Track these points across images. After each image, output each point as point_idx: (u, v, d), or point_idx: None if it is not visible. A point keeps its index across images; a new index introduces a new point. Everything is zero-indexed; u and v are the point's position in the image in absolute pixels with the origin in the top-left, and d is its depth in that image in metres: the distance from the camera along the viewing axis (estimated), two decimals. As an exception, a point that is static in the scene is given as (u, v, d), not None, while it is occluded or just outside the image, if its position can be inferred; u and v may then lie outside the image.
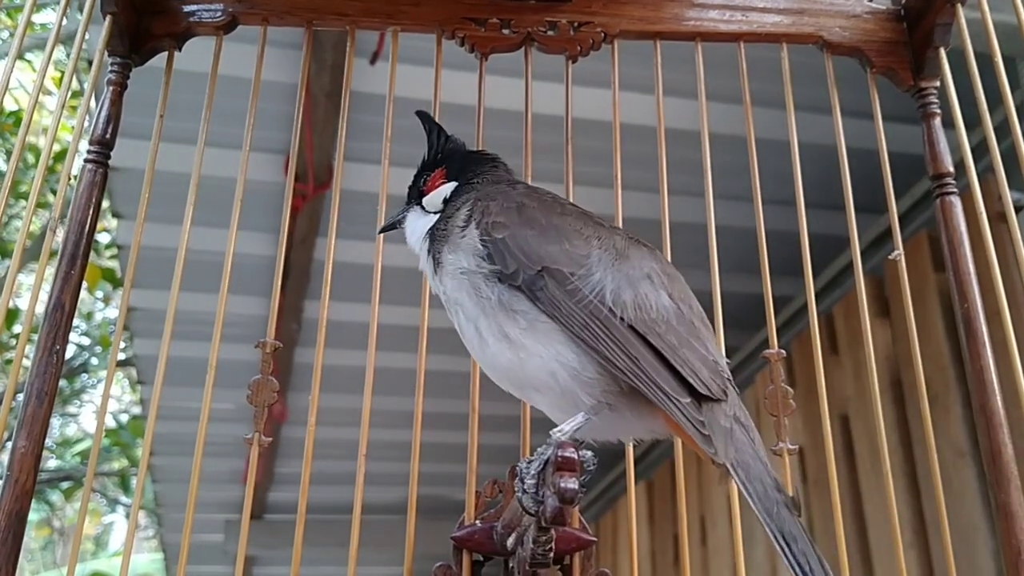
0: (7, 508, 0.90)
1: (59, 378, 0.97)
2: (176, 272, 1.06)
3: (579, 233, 0.93)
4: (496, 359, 0.90)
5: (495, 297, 0.89)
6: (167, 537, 5.46)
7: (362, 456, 1.03)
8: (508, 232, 0.92)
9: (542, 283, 0.87)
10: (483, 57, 1.19)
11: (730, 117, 1.55)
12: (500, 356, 0.89)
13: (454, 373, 1.78)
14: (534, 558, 0.87)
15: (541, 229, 0.93)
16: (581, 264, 0.89)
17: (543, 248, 0.91)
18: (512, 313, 0.88)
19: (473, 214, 0.96)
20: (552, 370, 0.86)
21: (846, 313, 2.98)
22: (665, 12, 1.20)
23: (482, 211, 0.96)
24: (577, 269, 0.88)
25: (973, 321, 1.04)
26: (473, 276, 0.91)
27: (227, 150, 1.59)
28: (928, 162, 1.13)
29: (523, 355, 0.87)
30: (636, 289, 0.88)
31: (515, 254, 0.90)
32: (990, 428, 1.00)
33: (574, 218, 0.96)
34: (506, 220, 0.94)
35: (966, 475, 2.41)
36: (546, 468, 0.77)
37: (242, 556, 1.01)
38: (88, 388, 7.19)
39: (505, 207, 0.95)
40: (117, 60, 1.11)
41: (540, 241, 0.91)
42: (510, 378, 0.91)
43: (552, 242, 0.91)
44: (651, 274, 0.91)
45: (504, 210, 0.95)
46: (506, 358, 0.89)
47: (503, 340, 0.88)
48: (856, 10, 1.21)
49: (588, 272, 0.88)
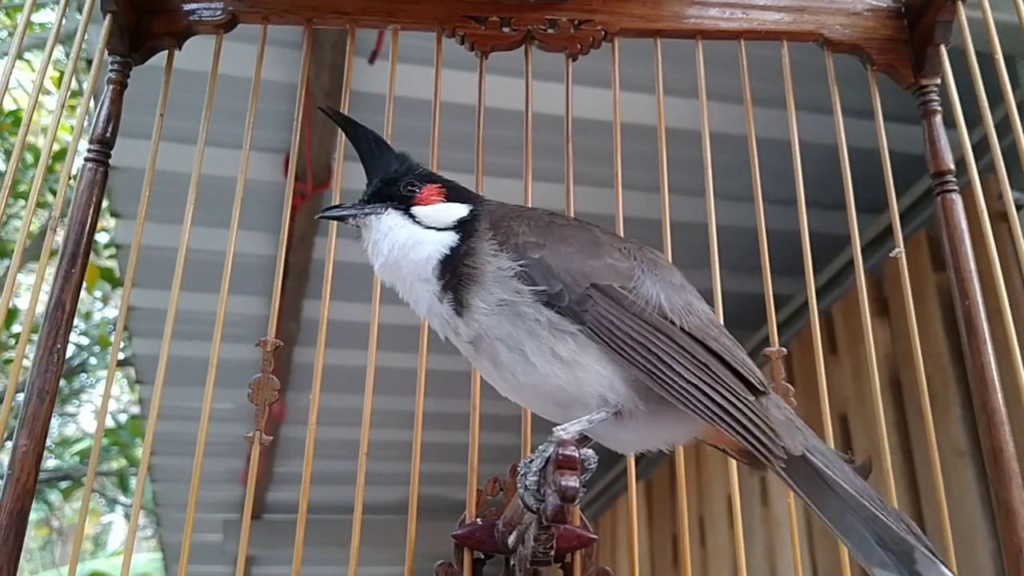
0: (8, 507, 0.90)
1: (60, 377, 0.97)
2: (176, 272, 1.06)
3: (613, 246, 0.91)
4: (545, 381, 0.86)
5: (544, 319, 0.85)
6: (166, 537, 5.45)
7: (363, 455, 1.03)
8: (545, 251, 0.88)
9: (590, 302, 0.85)
10: (483, 55, 1.18)
11: (730, 116, 1.55)
12: (551, 378, 0.85)
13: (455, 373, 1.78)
14: (535, 556, 0.87)
15: (578, 245, 0.90)
16: (629, 277, 0.88)
17: (586, 264, 0.88)
18: (561, 334, 0.85)
19: (497, 237, 0.90)
20: (609, 383, 0.85)
21: (845, 312, 2.98)
22: (665, 10, 1.20)
23: (506, 232, 0.90)
24: (627, 282, 0.87)
25: (974, 318, 1.04)
26: (515, 305, 0.86)
27: (226, 149, 1.58)
28: (929, 160, 1.13)
29: (580, 374, 0.85)
30: (681, 296, 0.88)
31: (558, 273, 0.86)
32: (991, 426, 1.00)
33: (600, 232, 0.94)
34: (539, 239, 0.89)
35: (965, 475, 2.41)
36: (547, 466, 0.77)
37: (243, 556, 1.01)
38: (87, 388, 7.20)
39: (533, 226, 0.91)
40: (117, 59, 1.10)
41: (581, 257, 0.89)
42: (558, 398, 0.87)
43: (594, 257, 0.89)
44: (683, 282, 0.91)
45: (534, 229, 0.90)
46: (557, 379, 0.85)
47: (554, 361, 0.85)
48: (857, 8, 1.21)
49: (639, 284, 0.87)
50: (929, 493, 2.52)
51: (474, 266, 0.89)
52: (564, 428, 0.82)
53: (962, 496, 2.38)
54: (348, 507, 1.01)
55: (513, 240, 0.89)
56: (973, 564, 2.30)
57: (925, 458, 2.50)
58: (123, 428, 6.12)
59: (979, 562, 2.30)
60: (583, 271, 0.87)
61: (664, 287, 0.88)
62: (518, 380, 0.88)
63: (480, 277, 0.88)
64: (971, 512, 2.36)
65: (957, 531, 1.02)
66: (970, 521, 2.35)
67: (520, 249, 0.88)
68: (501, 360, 0.88)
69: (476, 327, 0.88)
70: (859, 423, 2.86)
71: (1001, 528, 0.98)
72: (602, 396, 0.85)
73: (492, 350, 0.88)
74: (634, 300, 0.86)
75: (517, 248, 0.88)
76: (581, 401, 0.86)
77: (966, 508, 2.37)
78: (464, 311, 0.88)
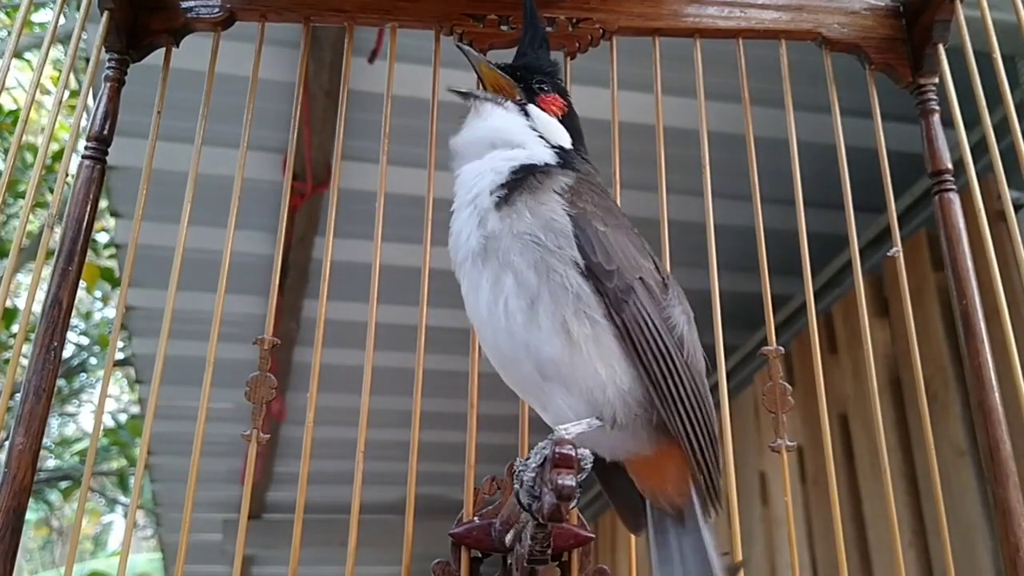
0: (5, 504, 0.90)
1: (57, 375, 0.97)
2: (174, 271, 1.06)
3: (654, 260, 0.90)
4: (542, 346, 0.83)
5: (573, 289, 0.82)
6: (166, 536, 5.45)
7: (360, 454, 1.03)
8: (609, 229, 0.86)
9: (634, 296, 0.83)
10: (481, 54, 1.18)
11: (728, 115, 1.55)
12: (548, 346, 0.82)
13: (452, 372, 1.78)
14: (532, 555, 0.87)
15: (632, 239, 0.88)
16: (663, 289, 0.87)
17: (639, 258, 0.87)
18: (582, 313, 0.82)
19: (568, 191, 0.87)
20: (603, 383, 0.83)
21: (845, 312, 2.98)
22: (664, 8, 1.20)
23: (576, 193, 0.87)
24: (664, 293, 0.87)
25: (971, 318, 1.04)
26: (548, 254, 0.83)
27: (224, 148, 1.58)
28: (927, 159, 1.13)
29: (577, 359, 0.82)
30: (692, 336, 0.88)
31: (617, 253, 0.84)
32: (988, 425, 1.00)
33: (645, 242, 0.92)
34: (605, 217, 0.87)
35: (965, 474, 2.41)
36: (544, 465, 0.76)
37: (240, 556, 1.01)
38: (87, 388, 7.20)
39: (599, 204, 0.88)
40: (114, 56, 1.10)
41: (635, 250, 0.87)
42: (544, 369, 0.84)
43: (643, 256, 0.88)
44: (690, 316, 0.90)
45: (599, 207, 0.88)
46: (555, 351, 0.82)
47: (562, 334, 0.82)
48: (855, 6, 1.21)
49: (670, 304, 0.87)
50: (929, 492, 2.52)
51: (539, 184, 0.88)
52: (565, 428, 0.82)
53: (962, 495, 2.38)
54: (346, 506, 1.01)
55: (582, 204, 0.86)
56: (973, 563, 2.30)
57: (925, 457, 2.49)
58: (123, 428, 6.13)
59: (979, 561, 2.30)
60: (637, 262, 0.85)
61: (685, 317, 0.88)
62: (512, 327, 0.84)
63: (539, 190, 0.87)
64: (971, 511, 2.36)
65: (957, 530, 1.02)
66: (970, 520, 2.35)
67: (586, 214, 0.85)
68: (504, 291, 0.84)
69: (506, 226, 0.85)
70: (858, 422, 2.86)
71: (998, 527, 0.98)
72: (591, 392, 0.83)
73: (500, 271, 0.85)
74: (668, 311, 0.86)
75: (584, 212, 0.86)
76: (566, 385, 0.84)
77: (966, 507, 2.36)
78: (505, 207, 0.86)
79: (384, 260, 1.11)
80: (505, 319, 0.84)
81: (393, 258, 1.11)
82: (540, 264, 0.83)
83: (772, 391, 1.05)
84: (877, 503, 2.73)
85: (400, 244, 1.85)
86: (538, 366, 0.84)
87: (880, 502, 2.69)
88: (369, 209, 1.10)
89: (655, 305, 0.85)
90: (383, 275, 1.10)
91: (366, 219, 1.18)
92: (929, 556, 2.49)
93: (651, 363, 0.82)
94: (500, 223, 0.86)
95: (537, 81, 0.98)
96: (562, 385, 0.84)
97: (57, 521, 8.48)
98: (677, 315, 0.87)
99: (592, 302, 0.82)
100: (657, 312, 0.84)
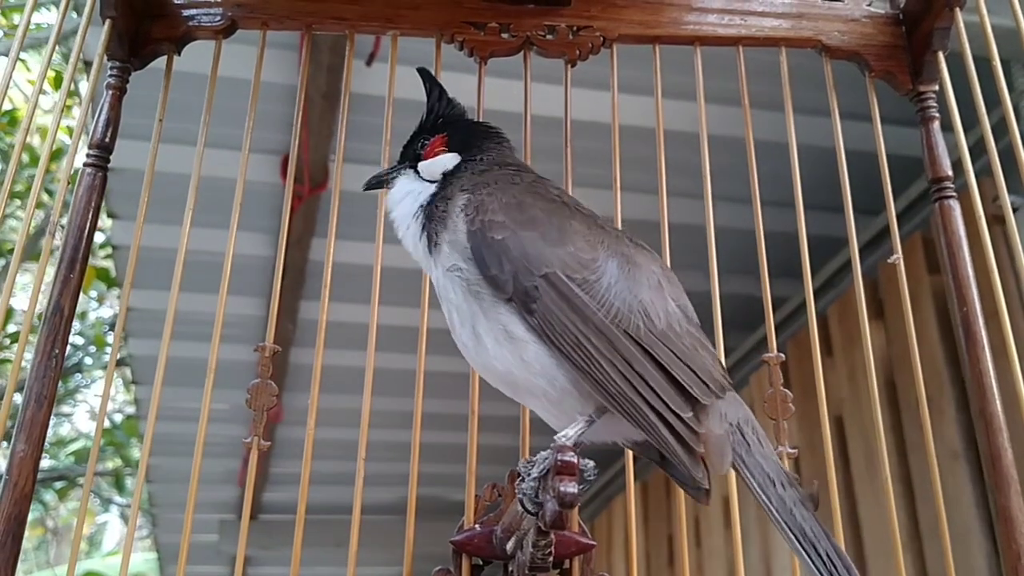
0: (6, 512, 0.90)
1: (58, 382, 0.96)
2: (176, 274, 1.06)
3: (585, 236, 0.88)
4: (493, 363, 0.86)
5: (495, 306, 0.85)
6: (161, 537, 5.45)
7: (361, 460, 1.03)
8: (508, 233, 0.86)
9: (537, 295, 0.83)
10: (482, 61, 1.18)
11: (729, 119, 1.55)
12: (498, 361, 0.85)
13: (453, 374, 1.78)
14: (533, 562, 0.87)
15: (543, 230, 0.88)
16: (589, 268, 0.85)
17: (547, 251, 0.86)
18: (508, 327, 0.84)
19: (469, 207, 0.90)
20: (545, 388, 0.84)
21: (841, 315, 2.98)
22: (664, 16, 1.20)
23: (477, 206, 0.90)
24: (586, 274, 0.84)
25: (972, 325, 1.04)
26: (471, 281, 0.87)
27: (220, 150, 1.58)
28: (927, 166, 1.13)
29: (520, 370, 0.84)
30: (644, 297, 0.85)
31: (514, 258, 0.85)
32: (990, 432, 1.00)
33: (579, 220, 0.91)
34: (506, 219, 0.88)
35: (960, 477, 2.42)
36: (547, 473, 0.77)
37: (240, 559, 1.01)
38: (82, 388, 7.18)
39: (505, 203, 0.90)
40: (116, 64, 1.10)
41: (543, 244, 0.86)
42: (507, 382, 0.88)
43: (556, 244, 0.87)
44: (660, 280, 0.88)
45: (504, 207, 0.89)
46: (506, 363, 0.85)
47: (505, 343, 0.84)
48: (855, 14, 1.21)
49: (597, 278, 0.84)
50: (924, 495, 2.53)
51: (444, 210, 0.93)
52: (564, 434, 0.82)
53: (957, 498, 2.39)
54: (345, 507, 1.01)
55: (481, 216, 0.89)
56: (969, 565, 2.31)
57: (920, 460, 2.50)
58: (118, 428, 6.11)
59: (974, 563, 2.31)
60: (541, 257, 0.85)
61: (628, 285, 0.85)
62: (472, 355, 0.89)
63: (447, 222, 0.91)
64: (966, 514, 2.37)
65: (952, 533, 1.02)
66: (965, 523, 2.36)
67: (482, 227, 0.88)
68: (455, 325, 0.90)
69: (439, 266, 0.91)
70: (854, 425, 2.87)
71: (1000, 534, 0.98)
72: (547, 395, 0.84)
73: (448, 313, 0.90)
74: (583, 297, 0.83)
75: (481, 226, 0.88)
76: (527, 388, 0.86)
77: (961, 510, 2.37)
78: (435, 249, 0.92)
79: (384, 262, 1.11)
80: (466, 349, 0.90)
81: (393, 260, 1.11)
82: (468, 292, 0.87)
83: (773, 398, 1.05)
84: (873, 506, 2.73)
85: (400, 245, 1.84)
86: (504, 383, 0.89)
87: (876, 505, 2.70)
88: (368, 211, 1.10)
89: (561, 298, 0.83)
90: (383, 276, 1.11)
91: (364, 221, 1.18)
92: (924, 560, 2.49)
93: (572, 356, 0.82)
94: (435, 266, 0.92)
95: (420, 144, 1.03)
96: (528, 394, 0.88)
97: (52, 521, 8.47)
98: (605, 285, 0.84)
99: (509, 313, 0.85)
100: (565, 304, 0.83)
